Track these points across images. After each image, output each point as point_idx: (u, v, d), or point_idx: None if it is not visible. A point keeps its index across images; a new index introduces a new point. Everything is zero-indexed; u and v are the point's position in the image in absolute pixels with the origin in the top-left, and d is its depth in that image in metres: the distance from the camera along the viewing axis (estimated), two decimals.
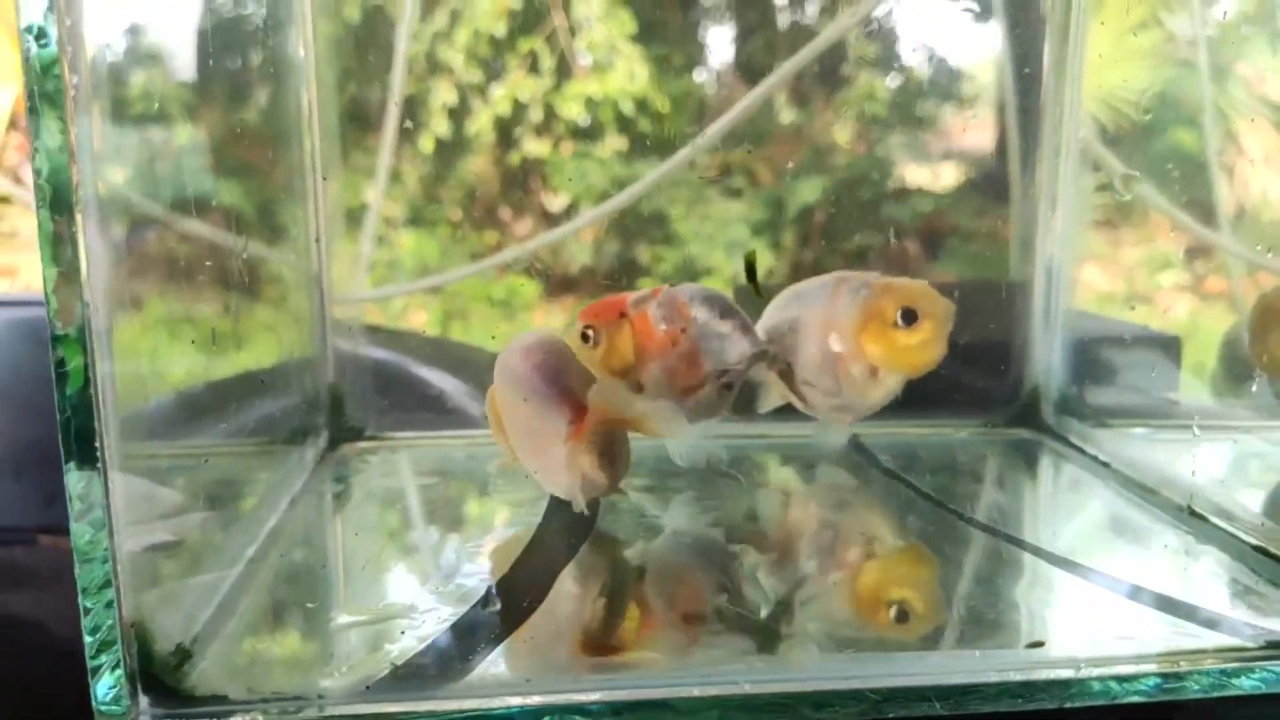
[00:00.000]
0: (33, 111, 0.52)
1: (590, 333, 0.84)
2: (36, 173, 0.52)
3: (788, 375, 0.91)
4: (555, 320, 1.13)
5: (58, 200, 0.52)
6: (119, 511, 0.57)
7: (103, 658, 0.57)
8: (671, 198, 1.10)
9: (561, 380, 0.79)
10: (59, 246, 0.53)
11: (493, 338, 1.10)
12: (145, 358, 0.64)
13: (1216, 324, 0.99)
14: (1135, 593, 0.73)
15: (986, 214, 1.12)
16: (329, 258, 1.04)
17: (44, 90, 0.51)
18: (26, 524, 1.04)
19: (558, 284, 1.13)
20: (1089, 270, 1.10)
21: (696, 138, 1.06)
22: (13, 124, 1.52)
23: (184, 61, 0.78)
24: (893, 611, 0.74)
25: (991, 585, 0.75)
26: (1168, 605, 0.72)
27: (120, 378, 0.57)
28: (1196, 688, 0.63)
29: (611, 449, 0.77)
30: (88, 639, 0.57)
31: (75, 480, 0.55)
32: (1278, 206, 0.93)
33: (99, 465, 0.55)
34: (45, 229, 0.52)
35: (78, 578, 0.56)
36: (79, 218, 0.53)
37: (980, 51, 1.10)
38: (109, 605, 0.57)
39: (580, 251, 1.12)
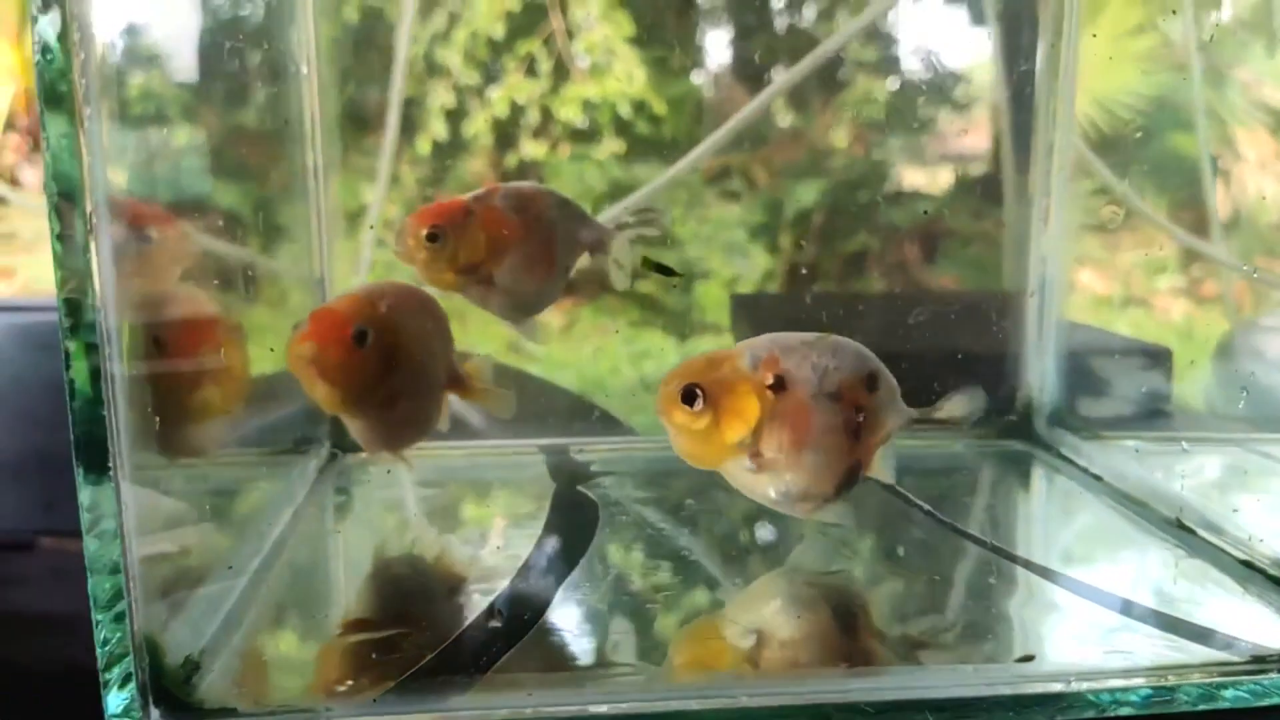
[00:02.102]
0: (43, 113, 0.53)
1: (437, 233, 0.81)
2: (47, 176, 0.53)
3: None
4: (555, 320, 1.14)
5: (68, 203, 0.53)
6: (130, 522, 0.57)
7: (114, 670, 0.58)
8: (670, 199, 1.11)
9: None
10: (69, 251, 0.53)
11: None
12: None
13: (1211, 331, 1.00)
14: (1125, 606, 0.75)
15: (980, 221, 1.13)
16: (330, 259, 1.05)
17: (53, 92, 0.52)
18: (26, 528, 1.04)
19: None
20: (1083, 276, 1.10)
21: (705, 141, 1.07)
22: (10, 124, 1.52)
23: (189, 65, 0.79)
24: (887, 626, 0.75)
25: (983, 598, 0.77)
26: (1156, 619, 0.73)
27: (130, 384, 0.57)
28: (1185, 700, 0.64)
29: None
30: (100, 651, 0.58)
31: (86, 489, 0.56)
32: (1274, 210, 0.94)
33: (110, 474, 0.56)
34: (56, 232, 0.53)
35: (90, 589, 0.57)
36: (91, 221, 0.53)
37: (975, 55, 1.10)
38: (121, 617, 0.57)
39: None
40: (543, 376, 1.12)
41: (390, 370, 0.75)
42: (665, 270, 0.83)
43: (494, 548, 0.87)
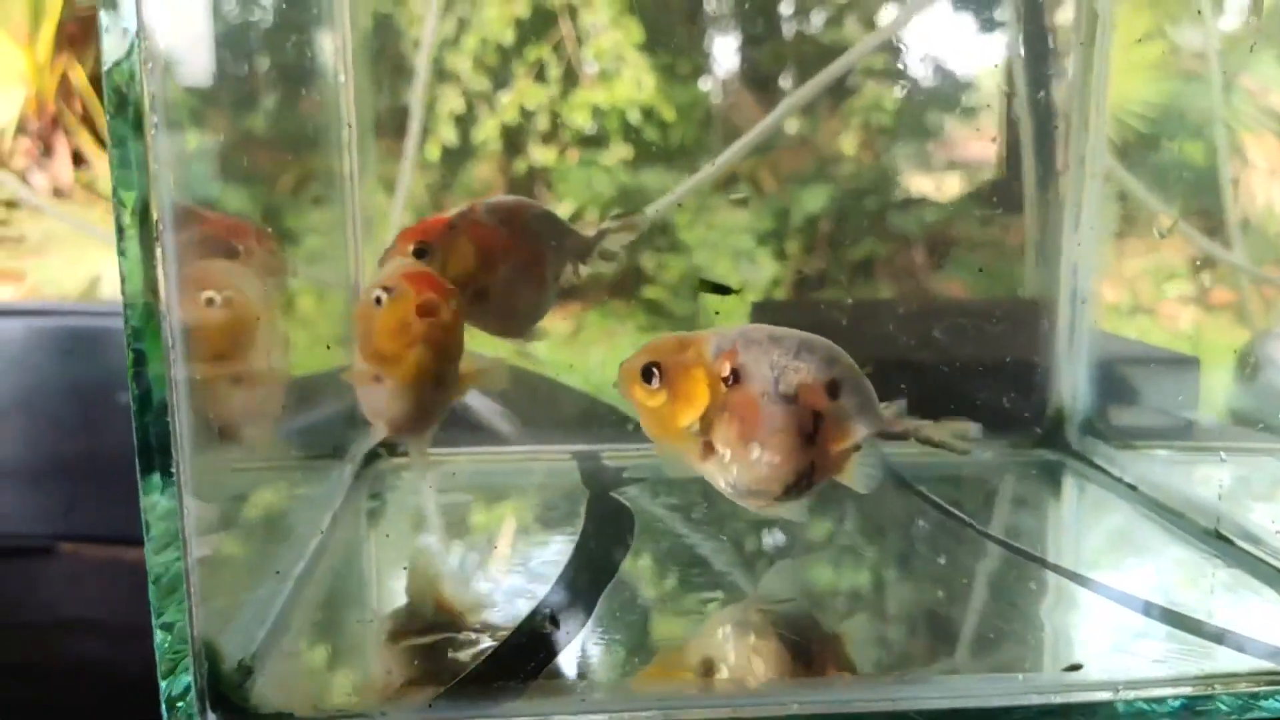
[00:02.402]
0: (110, 122, 0.53)
1: (424, 248, 0.80)
2: (115, 184, 0.53)
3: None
4: (561, 325, 1.14)
5: (140, 209, 0.53)
6: (190, 526, 0.57)
7: (174, 674, 0.58)
8: (677, 205, 1.11)
9: None
10: (135, 258, 0.54)
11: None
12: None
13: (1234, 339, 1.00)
14: (1166, 615, 0.75)
15: (1010, 229, 1.13)
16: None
17: (120, 101, 0.52)
18: (45, 532, 1.04)
19: (563, 291, 1.14)
20: (1111, 285, 1.11)
21: (724, 153, 1.07)
22: (21, 128, 1.52)
23: (239, 74, 0.79)
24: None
25: (1026, 607, 0.77)
26: (1197, 627, 0.73)
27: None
28: (1226, 709, 0.65)
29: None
30: (160, 655, 0.58)
31: (150, 495, 0.56)
32: None
33: (174, 479, 0.56)
34: (122, 241, 0.54)
35: (150, 595, 0.57)
36: (157, 229, 0.54)
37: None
38: (181, 623, 0.58)
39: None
40: (575, 384, 1.12)
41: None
42: (721, 289, 0.83)
43: (531, 552, 0.88)
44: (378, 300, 0.72)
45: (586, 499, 0.96)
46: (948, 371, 1.02)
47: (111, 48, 0.52)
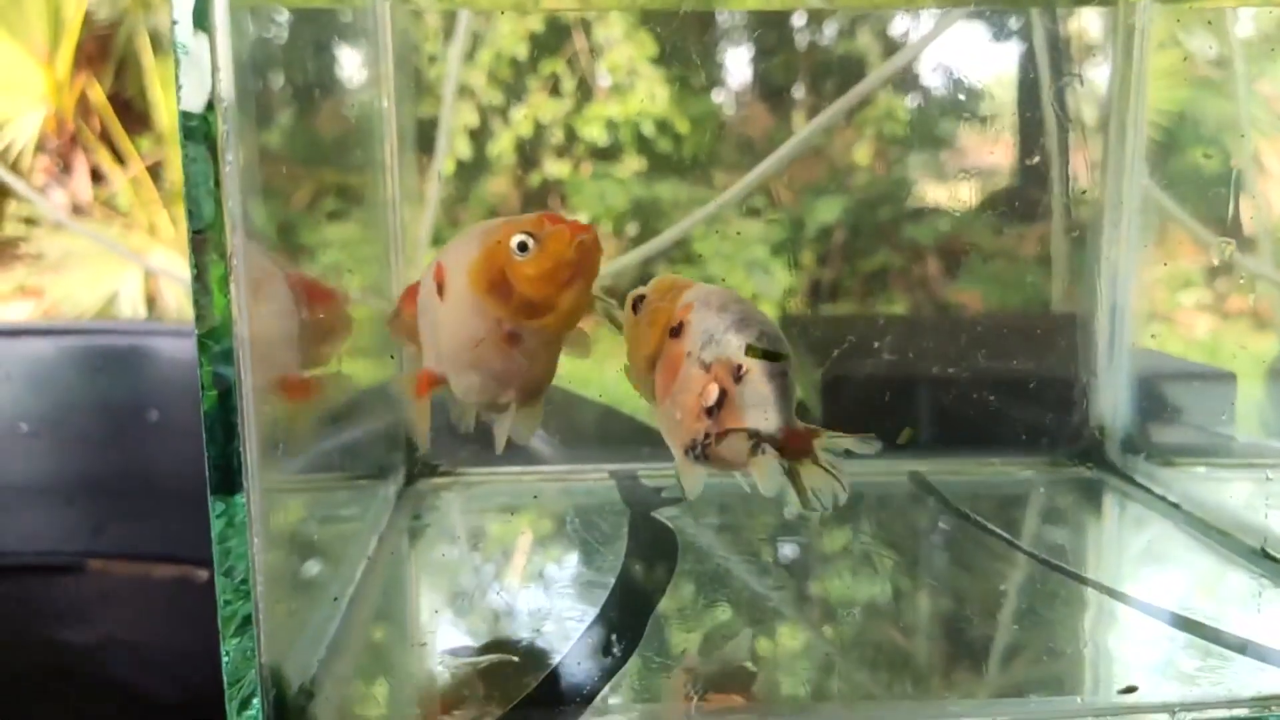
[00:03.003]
0: (184, 149, 0.53)
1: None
2: (189, 213, 0.54)
3: None
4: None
5: (212, 231, 0.54)
6: (259, 551, 0.57)
7: (241, 699, 0.58)
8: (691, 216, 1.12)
9: None
10: (209, 288, 0.54)
11: None
12: None
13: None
14: (1216, 635, 0.75)
15: (1046, 246, 1.13)
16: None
17: (193, 129, 0.53)
18: (75, 550, 1.05)
19: None
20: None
21: (745, 176, 1.08)
22: (40, 146, 1.52)
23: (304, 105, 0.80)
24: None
25: (1075, 628, 0.78)
26: (1248, 648, 0.73)
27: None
28: None
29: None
30: (228, 683, 0.58)
31: (220, 517, 0.56)
32: None
33: (246, 500, 0.56)
34: (195, 269, 0.54)
35: (220, 621, 0.57)
36: (231, 261, 0.54)
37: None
38: (250, 649, 0.58)
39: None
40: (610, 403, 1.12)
41: None
42: (771, 355, 0.83)
43: (576, 575, 0.88)
44: (522, 246, 0.68)
45: (629, 519, 0.97)
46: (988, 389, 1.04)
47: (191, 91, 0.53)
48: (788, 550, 0.94)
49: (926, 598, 0.85)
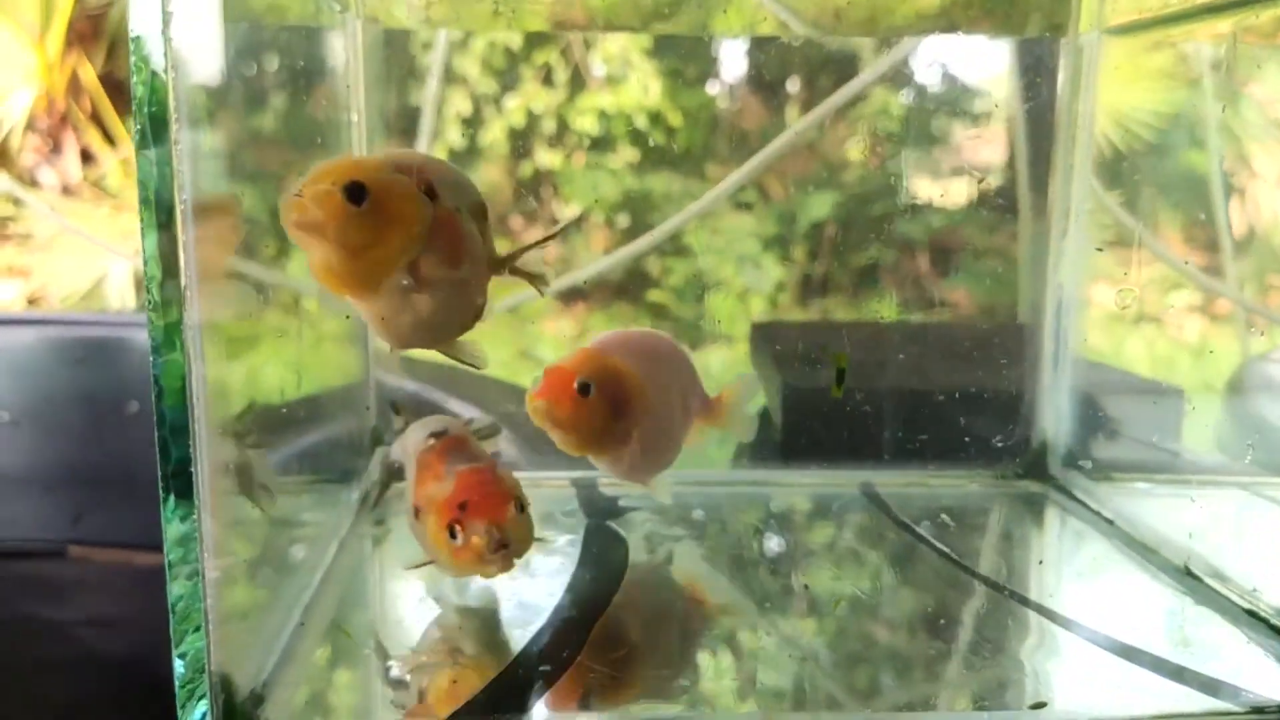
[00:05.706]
0: (142, 132, 0.54)
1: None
2: (142, 194, 0.54)
3: None
4: (567, 328, 1.15)
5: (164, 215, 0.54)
6: (210, 556, 0.57)
7: (192, 705, 0.59)
8: (682, 210, 1.12)
9: None
10: (163, 261, 0.54)
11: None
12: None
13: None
14: (1131, 653, 0.75)
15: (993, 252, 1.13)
16: None
17: (150, 112, 0.53)
18: (56, 537, 1.05)
19: (568, 294, 1.15)
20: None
21: (741, 168, 1.08)
22: (30, 126, 1.52)
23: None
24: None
25: (996, 641, 0.77)
26: (1163, 666, 0.73)
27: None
28: None
29: None
30: (179, 688, 0.59)
31: (173, 520, 0.56)
32: None
33: (196, 502, 0.56)
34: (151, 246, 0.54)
35: (171, 626, 0.57)
36: (180, 233, 0.55)
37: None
38: (199, 653, 0.58)
39: (590, 261, 1.14)
40: None
41: (621, 413, 0.77)
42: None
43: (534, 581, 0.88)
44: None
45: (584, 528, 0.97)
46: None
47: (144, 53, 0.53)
48: None
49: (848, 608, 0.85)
